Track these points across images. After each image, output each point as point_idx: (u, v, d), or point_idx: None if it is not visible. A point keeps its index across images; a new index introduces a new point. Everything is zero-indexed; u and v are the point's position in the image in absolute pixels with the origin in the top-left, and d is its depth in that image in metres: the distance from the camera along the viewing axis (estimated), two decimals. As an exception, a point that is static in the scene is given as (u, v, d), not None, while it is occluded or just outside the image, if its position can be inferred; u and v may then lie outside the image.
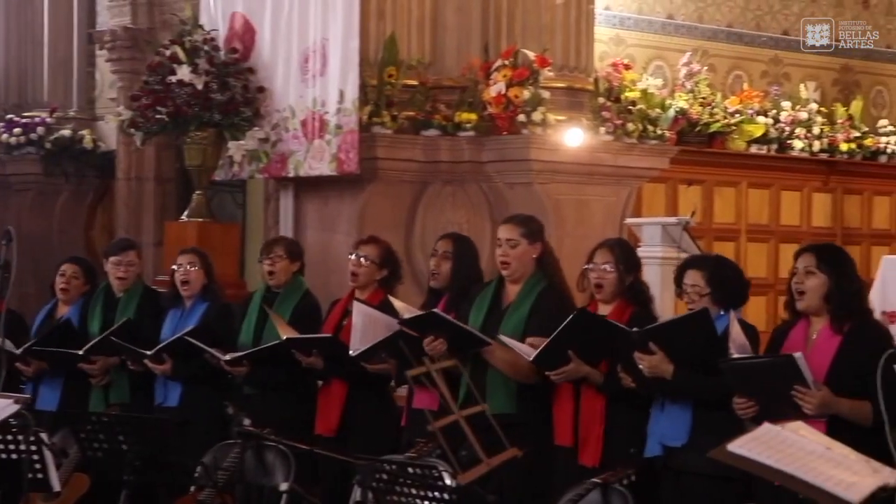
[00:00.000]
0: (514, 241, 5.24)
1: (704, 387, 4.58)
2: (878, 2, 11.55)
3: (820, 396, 4.23)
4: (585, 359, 4.94)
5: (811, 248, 4.55)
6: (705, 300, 4.79)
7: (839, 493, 2.98)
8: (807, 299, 4.42)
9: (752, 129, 10.11)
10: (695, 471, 4.58)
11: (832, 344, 4.38)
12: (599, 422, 4.98)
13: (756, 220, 10.37)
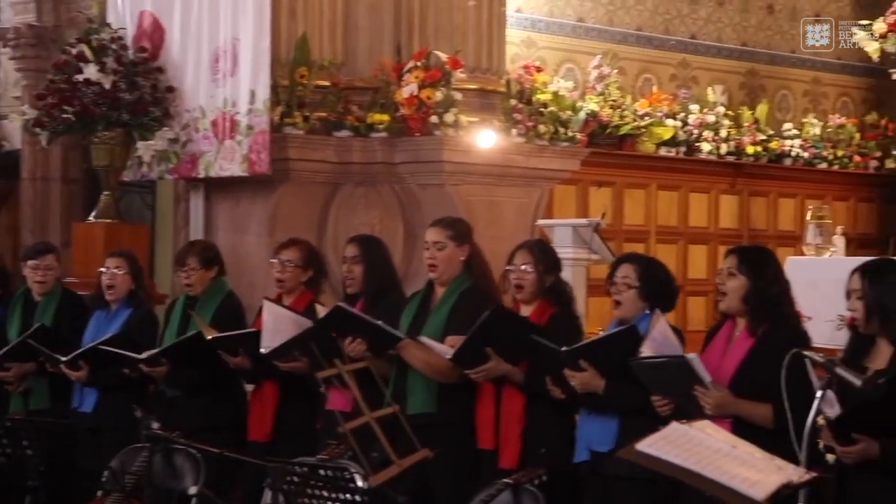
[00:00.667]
0: (442, 243, 5.25)
1: (635, 396, 4.62)
2: (782, 7, 11.77)
3: (717, 397, 4.31)
4: (505, 358, 4.96)
5: (736, 250, 4.60)
6: (633, 293, 4.84)
7: (744, 490, 3.03)
8: (727, 300, 4.50)
9: (662, 132, 10.23)
10: (621, 475, 4.61)
11: (745, 345, 4.45)
12: (518, 423, 5.00)
13: (665, 221, 10.50)
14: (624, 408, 4.72)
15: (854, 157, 11.57)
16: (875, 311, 4.13)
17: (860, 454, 4.02)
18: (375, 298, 5.48)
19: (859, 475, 4.08)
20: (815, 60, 11.95)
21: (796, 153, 11.14)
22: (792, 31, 11.83)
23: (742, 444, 3.40)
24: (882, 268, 4.28)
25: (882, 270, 4.24)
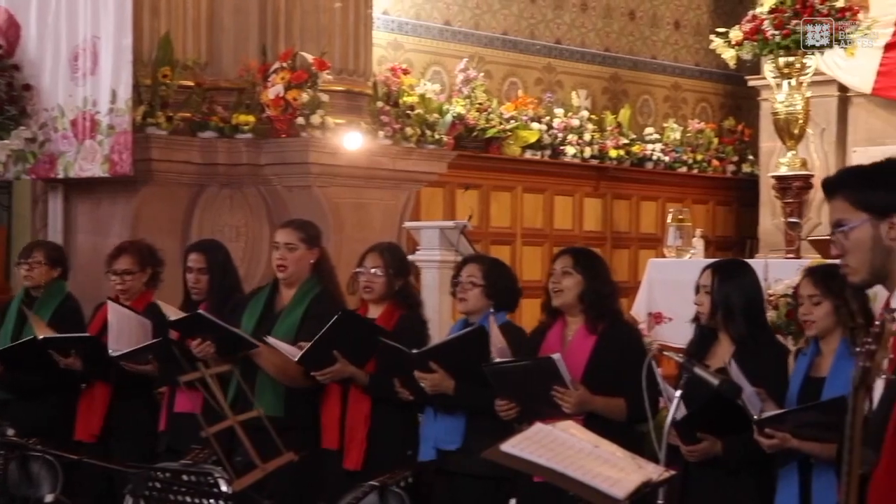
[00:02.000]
0: (293, 245, 5.25)
1: (484, 396, 4.67)
2: (644, 14, 12.01)
3: (578, 395, 4.40)
4: (352, 360, 4.98)
5: (568, 251, 4.75)
6: (477, 291, 4.91)
7: (605, 489, 3.07)
8: (562, 297, 4.60)
9: (527, 135, 10.33)
10: (468, 472, 4.68)
11: (587, 344, 4.56)
12: (364, 425, 5.04)
13: (531, 223, 10.61)
14: (473, 407, 4.79)
15: (713, 162, 11.85)
16: (720, 307, 4.29)
17: (704, 452, 4.16)
18: (220, 303, 5.46)
19: (702, 472, 4.21)
20: (675, 66, 12.22)
21: (657, 157, 11.36)
22: (653, 38, 12.08)
23: (604, 443, 3.45)
24: (733, 267, 4.46)
25: (732, 270, 4.42)
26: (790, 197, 9.25)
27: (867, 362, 2.55)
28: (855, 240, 2.82)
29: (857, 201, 2.81)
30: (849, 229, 2.82)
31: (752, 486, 4.19)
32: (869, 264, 2.81)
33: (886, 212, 2.79)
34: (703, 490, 4.23)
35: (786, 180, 9.14)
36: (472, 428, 4.77)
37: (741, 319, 4.28)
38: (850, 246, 2.83)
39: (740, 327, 4.28)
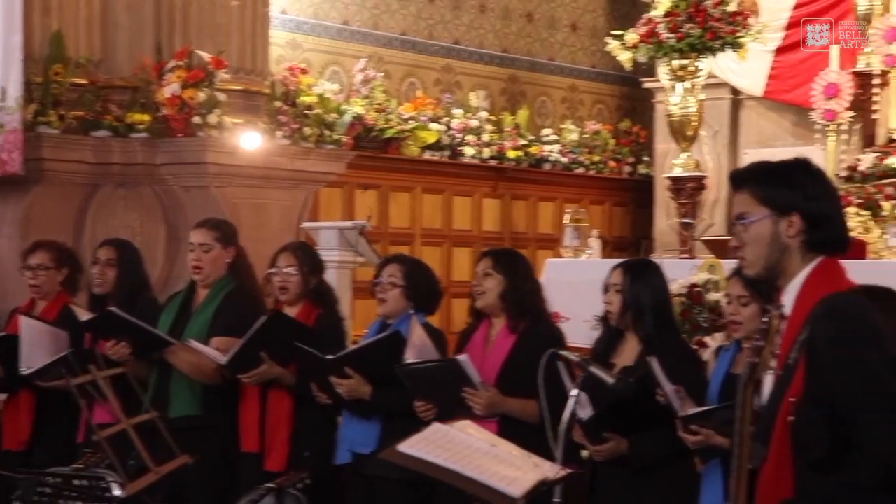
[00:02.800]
0: (208, 245, 5.18)
1: (401, 400, 4.67)
2: (542, 16, 12.11)
3: (487, 397, 4.41)
4: (277, 361, 4.94)
5: (489, 253, 4.76)
6: (397, 292, 4.90)
7: (502, 488, 3.09)
8: (484, 299, 4.61)
9: (426, 136, 10.34)
10: (384, 476, 4.66)
11: (507, 344, 4.57)
12: (286, 425, 5.00)
13: (430, 224, 10.62)
14: (390, 412, 4.77)
15: (609, 163, 11.99)
16: (630, 306, 4.33)
17: (610, 452, 4.20)
18: (127, 301, 5.36)
19: (609, 471, 4.25)
20: (572, 68, 12.35)
21: (555, 158, 11.46)
22: (551, 40, 12.19)
23: (502, 442, 3.47)
24: (643, 267, 4.50)
25: (643, 269, 4.46)
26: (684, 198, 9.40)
27: (755, 358, 2.61)
28: (754, 234, 2.87)
29: (761, 197, 2.87)
30: (749, 223, 2.88)
31: (659, 485, 4.22)
32: (765, 259, 2.87)
33: (787, 210, 2.85)
34: (611, 490, 4.26)
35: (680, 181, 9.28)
36: (387, 431, 4.75)
37: (650, 319, 4.32)
38: (749, 239, 2.88)
39: (649, 327, 4.32)
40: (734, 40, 8.58)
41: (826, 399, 2.71)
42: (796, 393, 2.74)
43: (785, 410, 2.75)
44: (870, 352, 2.72)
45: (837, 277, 2.87)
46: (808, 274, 2.85)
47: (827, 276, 2.85)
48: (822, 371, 2.71)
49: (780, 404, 2.77)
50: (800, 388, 2.74)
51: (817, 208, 2.85)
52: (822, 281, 2.84)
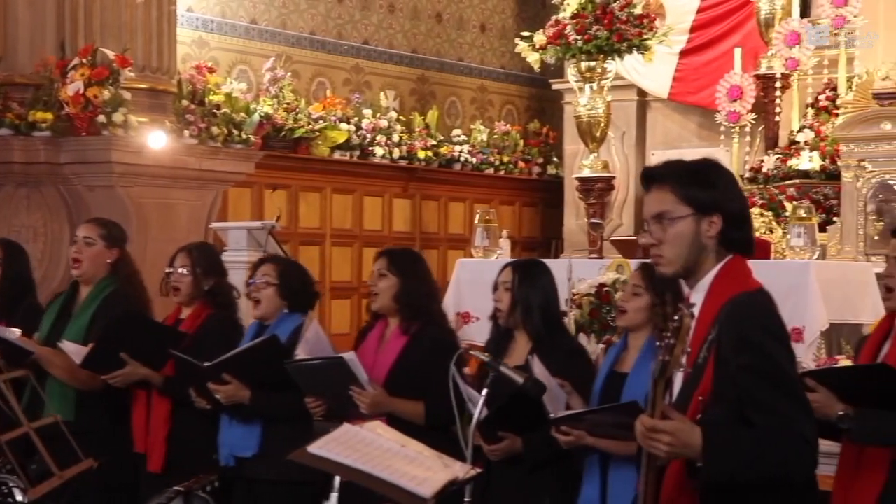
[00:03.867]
0: (91, 239, 5.13)
1: (283, 403, 4.66)
2: (450, 17, 12.14)
3: (373, 396, 4.42)
4: (144, 362, 4.91)
5: (385, 253, 4.75)
6: (271, 291, 4.90)
7: (412, 488, 3.08)
8: (379, 300, 4.62)
9: (336, 136, 10.30)
10: (267, 479, 4.64)
11: (398, 344, 4.58)
12: (164, 427, 4.98)
13: (340, 224, 10.58)
14: (270, 415, 4.77)
15: (519, 163, 12.05)
16: (519, 304, 4.36)
17: (505, 451, 4.23)
18: (11, 305, 5.29)
19: (503, 470, 4.28)
20: (482, 69, 12.39)
21: (465, 158, 11.48)
22: (460, 40, 12.22)
23: (412, 443, 3.46)
24: (532, 267, 4.54)
25: (532, 269, 4.50)
26: (593, 198, 9.51)
27: (666, 356, 2.63)
28: (675, 232, 2.89)
29: (684, 195, 2.89)
30: (671, 221, 2.89)
31: (551, 483, 4.27)
32: (684, 258, 2.89)
33: (710, 210, 2.88)
34: (505, 488, 4.30)
35: (588, 182, 9.38)
36: (268, 434, 4.75)
37: (539, 317, 4.36)
38: (669, 237, 2.90)
39: (538, 325, 4.36)
40: (640, 43, 8.70)
41: (732, 397, 2.75)
42: (705, 391, 2.77)
43: (693, 409, 2.78)
44: (775, 349, 2.77)
45: (745, 276, 2.90)
46: (717, 273, 2.89)
47: (735, 275, 2.88)
48: (729, 368, 2.75)
49: (688, 403, 2.81)
50: (708, 386, 2.77)
51: (735, 209, 2.89)
52: (731, 280, 2.87)
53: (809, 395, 3.59)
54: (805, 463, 2.74)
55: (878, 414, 3.59)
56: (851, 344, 6.41)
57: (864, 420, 3.60)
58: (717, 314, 2.81)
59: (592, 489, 4.14)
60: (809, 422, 2.75)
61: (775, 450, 2.69)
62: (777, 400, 2.73)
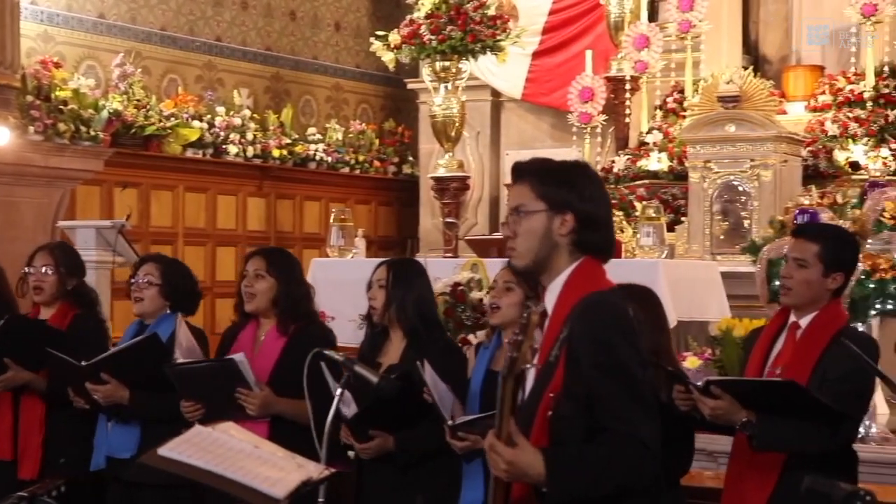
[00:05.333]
0: None
1: (160, 405, 4.59)
2: (304, 15, 12.06)
3: (261, 397, 4.37)
4: (25, 365, 4.81)
5: (260, 253, 4.68)
6: (154, 291, 4.82)
7: (265, 489, 3.05)
8: (256, 301, 4.56)
9: (188, 133, 10.15)
10: (144, 482, 4.56)
11: (277, 345, 4.54)
12: (38, 432, 4.88)
13: (193, 223, 10.43)
14: (149, 416, 4.68)
15: (374, 163, 12.06)
16: (393, 302, 4.36)
17: (377, 449, 4.22)
18: None
19: (375, 469, 4.28)
20: (337, 67, 12.36)
21: (320, 157, 11.45)
22: (314, 39, 12.16)
23: (265, 443, 3.43)
24: (407, 265, 4.55)
25: (407, 268, 4.51)
26: (448, 198, 9.55)
27: (514, 352, 2.66)
28: (528, 226, 2.92)
29: (539, 192, 2.92)
30: (524, 215, 2.93)
31: (425, 481, 4.27)
32: (535, 253, 2.92)
33: (562, 208, 2.91)
34: (378, 486, 4.29)
35: (444, 181, 9.42)
36: (147, 436, 4.66)
37: (415, 316, 4.37)
38: (522, 231, 2.93)
39: (413, 322, 4.36)
40: (494, 44, 8.78)
41: (581, 394, 2.79)
42: (556, 389, 2.81)
43: (545, 406, 2.82)
44: (624, 349, 2.82)
45: (597, 277, 2.94)
46: (571, 273, 2.92)
47: (588, 275, 2.92)
48: (580, 367, 2.79)
49: (540, 400, 2.84)
50: (559, 384, 2.81)
51: (590, 211, 2.93)
52: (583, 280, 2.91)
53: (714, 402, 3.74)
54: (646, 470, 2.80)
55: (779, 421, 3.70)
56: (699, 341, 6.59)
57: (767, 427, 3.72)
58: (569, 313, 2.85)
59: (475, 491, 4.15)
60: (650, 425, 2.81)
61: (617, 462, 2.75)
62: (622, 402, 2.78)
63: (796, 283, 3.85)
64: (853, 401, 3.70)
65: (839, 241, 3.98)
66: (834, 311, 3.90)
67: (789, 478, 3.68)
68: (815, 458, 3.67)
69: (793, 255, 3.90)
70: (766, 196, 8.31)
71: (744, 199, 8.41)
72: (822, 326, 3.84)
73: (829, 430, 3.66)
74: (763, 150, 8.39)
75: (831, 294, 3.88)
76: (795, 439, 3.68)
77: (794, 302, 3.89)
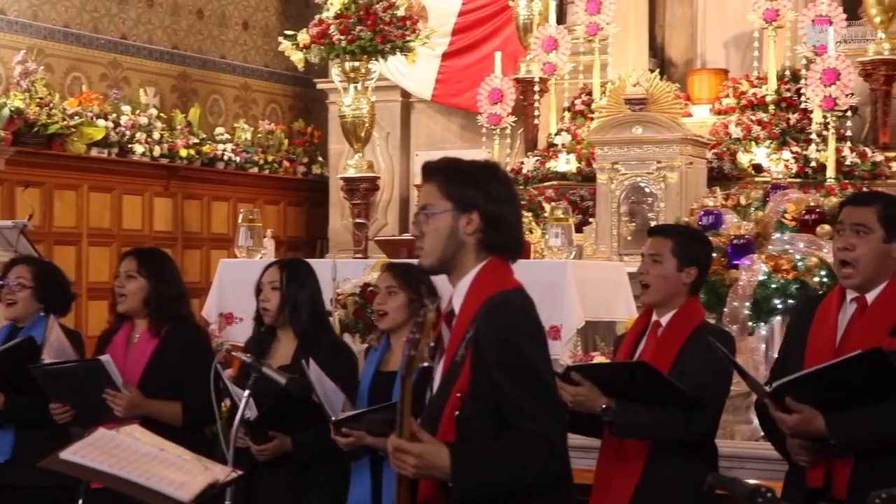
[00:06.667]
0: None
1: (34, 407, 4.53)
2: (212, 13, 11.94)
3: (129, 398, 4.35)
4: None
5: (133, 253, 4.66)
6: (27, 294, 4.78)
7: (171, 492, 3.03)
8: (127, 302, 4.53)
9: (93, 132, 9.99)
10: (19, 484, 4.49)
11: (149, 346, 4.52)
12: None
13: (98, 223, 10.27)
14: (23, 419, 4.64)
15: (283, 163, 11.99)
16: (287, 303, 4.35)
17: (275, 450, 4.22)
18: None
19: (271, 470, 4.26)
20: (245, 67, 12.25)
21: (229, 157, 11.35)
22: (222, 37, 12.05)
23: (171, 446, 3.39)
24: (298, 265, 4.55)
25: (299, 268, 4.50)
26: (358, 198, 9.55)
27: (412, 351, 2.67)
28: (434, 225, 2.94)
29: (446, 191, 2.94)
30: (431, 214, 2.94)
31: (321, 481, 4.27)
32: (441, 251, 2.94)
33: (468, 207, 2.92)
34: (271, 488, 4.27)
35: (353, 182, 9.41)
36: (22, 439, 4.62)
37: (307, 316, 4.36)
38: (429, 230, 2.95)
39: (305, 324, 4.36)
40: (403, 44, 8.79)
41: (488, 394, 2.80)
42: (462, 388, 2.82)
43: (451, 405, 2.83)
44: (530, 348, 2.84)
45: (505, 277, 2.96)
46: (478, 272, 2.94)
47: (495, 275, 2.94)
48: (486, 367, 2.80)
49: (447, 400, 2.85)
50: (466, 383, 2.82)
51: (496, 210, 2.94)
52: (490, 280, 2.93)
53: (574, 388, 3.75)
54: (551, 466, 2.82)
55: (638, 408, 3.75)
56: (606, 341, 6.66)
57: (625, 414, 3.76)
58: (476, 312, 2.86)
59: (363, 489, 4.16)
60: (556, 423, 2.83)
61: (522, 458, 2.77)
62: (527, 400, 2.80)
63: (653, 278, 3.95)
64: (710, 390, 3.77)
65: (690, 236, 4.12)
66: (692, 308, 3.99)
67: (653, 469, 3.76)
68: (677, 450, 3.75)
69: (648, 252, 4.01)
70: (672, 197, 8.43)
71: (650, 200, 8.52)
72: (681, 323, 3.93)
73: (685, 416, 3.73)
74: (669, 152, 8.50)
75: (688, 290, 3.97)
76: (652, 424, 3.74)
77: (653, 299, 3.98)
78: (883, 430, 3.26)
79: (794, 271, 6.39)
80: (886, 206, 3.46)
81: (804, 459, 3.37)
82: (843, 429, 3.27)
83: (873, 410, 3.25)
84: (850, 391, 3.25)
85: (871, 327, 3.39)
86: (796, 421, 3.29)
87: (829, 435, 3.28)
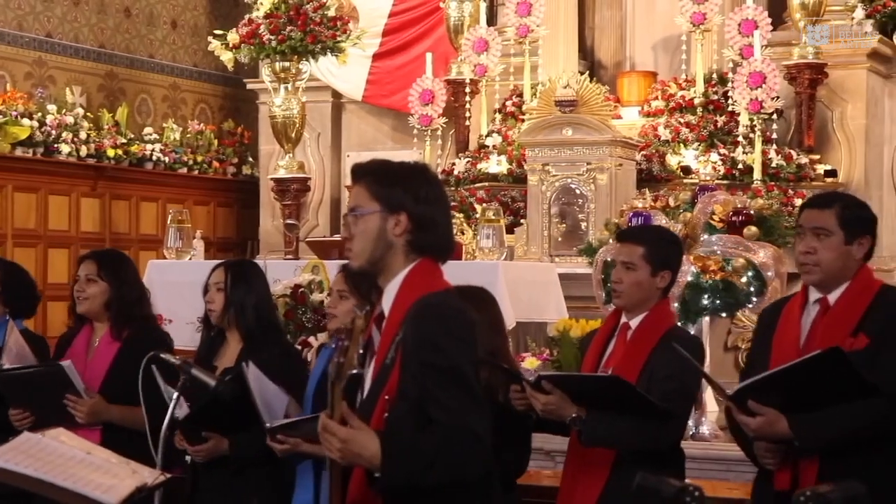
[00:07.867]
0: None
1: None
2: (140, 12, 11.82)
3: (90, 404, 4.29)
4: None
5: (92, 256, 4.59)
6: None
7: (97, 496, 3.00)
8: (87, 305, 4.47)
9: (17, 132, 9.85)
10: None
11: (111, 350, 4.48)
12: None
13: (23, 224, 10.13)
14: None
15: (213, 163, 11.90)
16: (232, 305, 4.32)
17: (209, 451, 4.19)
18: None
19: (210, 472, 4.23)
20: (174, 66, 12.14)
21: (157, 157, 11.24)
22: (150, 36, 11.92)
23: (98, 450, 3.36)
24: (245, 267, 4.52)
25: (245, 269, 4.48)
26: (288, 199, 9.52)
27: (341, 358, 2.67)
28: (363, 227, 2.94)
29: (374, 192, 2.94)
30: (360, 215, 2.93)
31: (262, 482, 4.24)
32: (370, 253, 2.93)
33: (396, 209, 2.92)
34: (212, 490, 4.24)
35: (284, 183, 9.38)
36: None
37: (253, 318, 4.33)
38: (358, 232, 2.94)
39: (251, 326, 4.32)
40: (334, 45, 8.77)
41: (414, 394, 2.81)
42: (391, 391, 2.82)
43: (381, 408, 2.82)
44: (453, 349, 2.84)
45: (434, 279, 2.97)
46: (407, 274, 2.94)
47: (424, 277, 2.94)
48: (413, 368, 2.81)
49: (376, 402, 2.84)
50: (395, 386, 2.82)
51: (425, 212, 2.94)
52: (420, 282, 2.93)
53: (545, 397, 3.77)
54: (477, 461, 2.83)
55: (607, 418, 3.77)
56: (537, 342, 6.69)
57: (594, 423, 3.78)
58: (405, 314, 2.86)
59: (306, 493, 4.14)
60: (482, 420, 2.84)
61: (449, 452, 2.77)
62: (452, 396, 2.80)
63: (626, 286, 3.96)
64: (679, 399, 3.81)
65: (662, 241, 4.11)
66: (662, 312, 4.01)
67: (618, 476, 3.78)
68: (643, 456, 3.76)
69: (620, 259, 4.02)
70: (602, 199, 8.49)
71: (581, 201, 8.57)
72: (650, 327, 3.94)
73: (654, 427, 3.75)
74: (599, 153, 8.56)
75: (661, 293, 3.99)
76: (622, 435, 3.77)
77: (626, 303, 4.00)
78: (845, 428, 3.30)
79: (722, 272, 6.47)
80: (845, 208, 3.51)
81: (771, 462, 3.41)
82: (806, 429, 3.30)
83: (835, 410, 3.30)
84: (813, 392, 3.29)
85: (833, 328, 3.45)
86: (759, 424, 3.33)
87: (793, 436, 3.31)
